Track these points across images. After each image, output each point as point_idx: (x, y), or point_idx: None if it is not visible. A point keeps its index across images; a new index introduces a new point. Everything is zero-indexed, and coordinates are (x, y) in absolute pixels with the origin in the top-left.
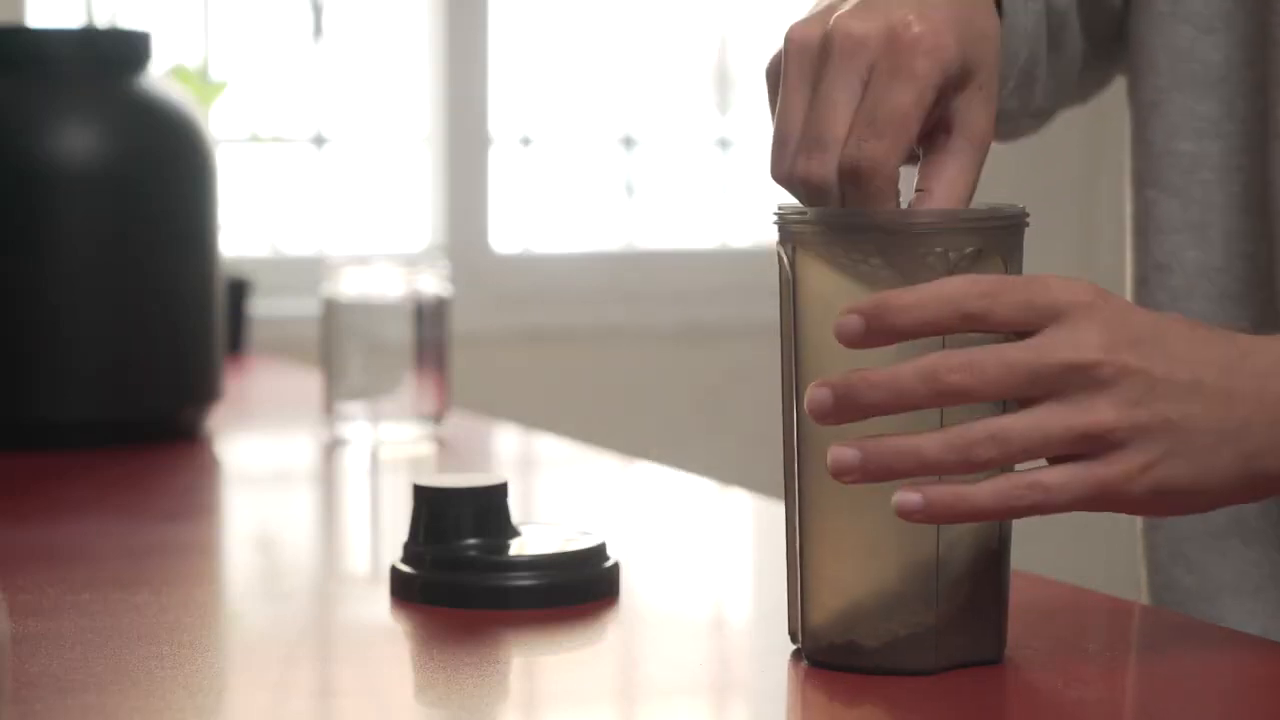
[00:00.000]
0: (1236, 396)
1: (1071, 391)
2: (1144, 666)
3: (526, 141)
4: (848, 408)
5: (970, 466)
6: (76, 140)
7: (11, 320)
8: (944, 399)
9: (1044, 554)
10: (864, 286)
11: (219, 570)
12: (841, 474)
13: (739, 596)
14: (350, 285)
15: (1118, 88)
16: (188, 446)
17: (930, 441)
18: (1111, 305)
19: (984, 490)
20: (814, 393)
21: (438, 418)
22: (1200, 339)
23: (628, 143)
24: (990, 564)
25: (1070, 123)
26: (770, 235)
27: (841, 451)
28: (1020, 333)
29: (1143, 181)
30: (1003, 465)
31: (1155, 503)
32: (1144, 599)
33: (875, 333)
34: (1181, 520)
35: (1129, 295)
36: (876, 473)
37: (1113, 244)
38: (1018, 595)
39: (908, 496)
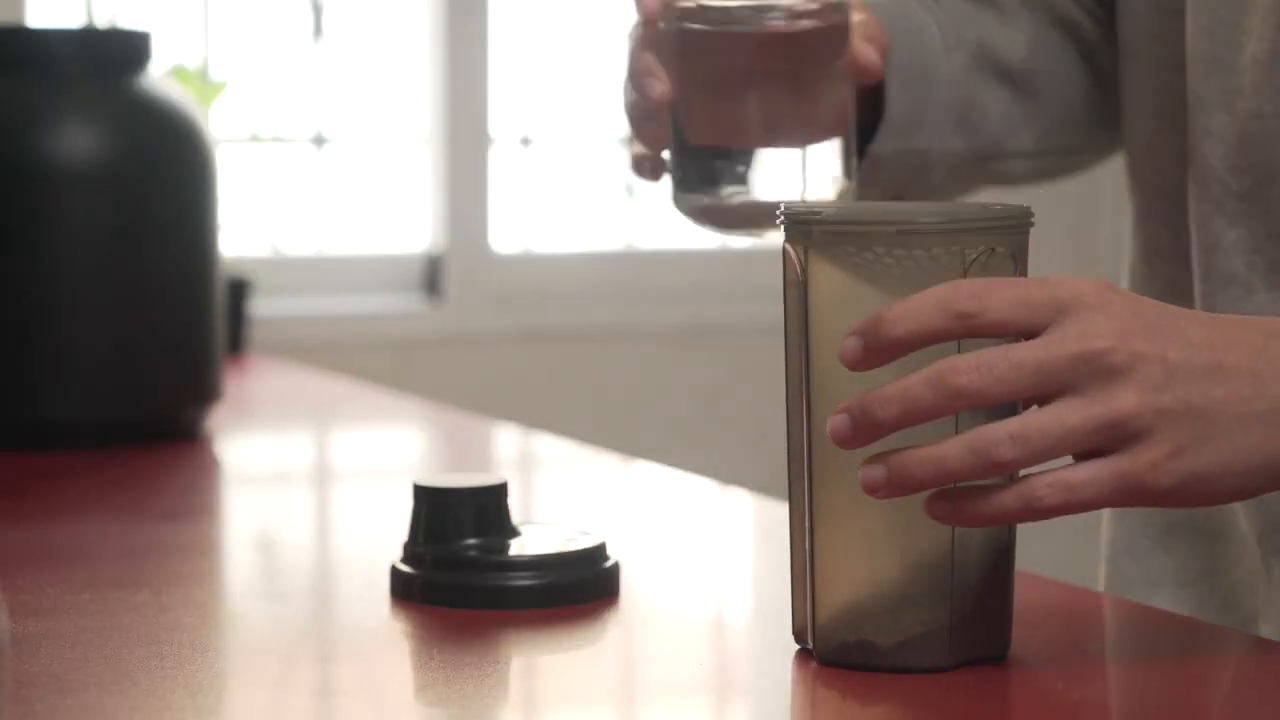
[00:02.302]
0: (1264, 378)
1: (1087, 384)
2: (1145, 667)
3: (526, 141)
4: (866, 428)
5: (993, 469)
6: (76, 140)
7: (11, 320)
8: (955, 403)
9: (1043, 554)
10: (879, 286)
11: (219, 570)
12: (873, 491)
13: (739, 596)
14: None
15: None
16: (188, 446)
17: (951, 449)
18: (1121, 297)
19: (1009, 494)
20: (834, 421)
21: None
22: (1219, 324)
23: (628, 143)
24: (1000, 559)
25: None
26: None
27: (869, 469)
28: (1030, 335)
29: (1145, 215)
30: (1026, 466)
31: (1185, 492)
32: (1101, 588)
33: (874, 349)
34: (1137, 516)
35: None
36: (903, 485)
37: (1112, 243)
38: (1018, 595)
39: (937, 504)
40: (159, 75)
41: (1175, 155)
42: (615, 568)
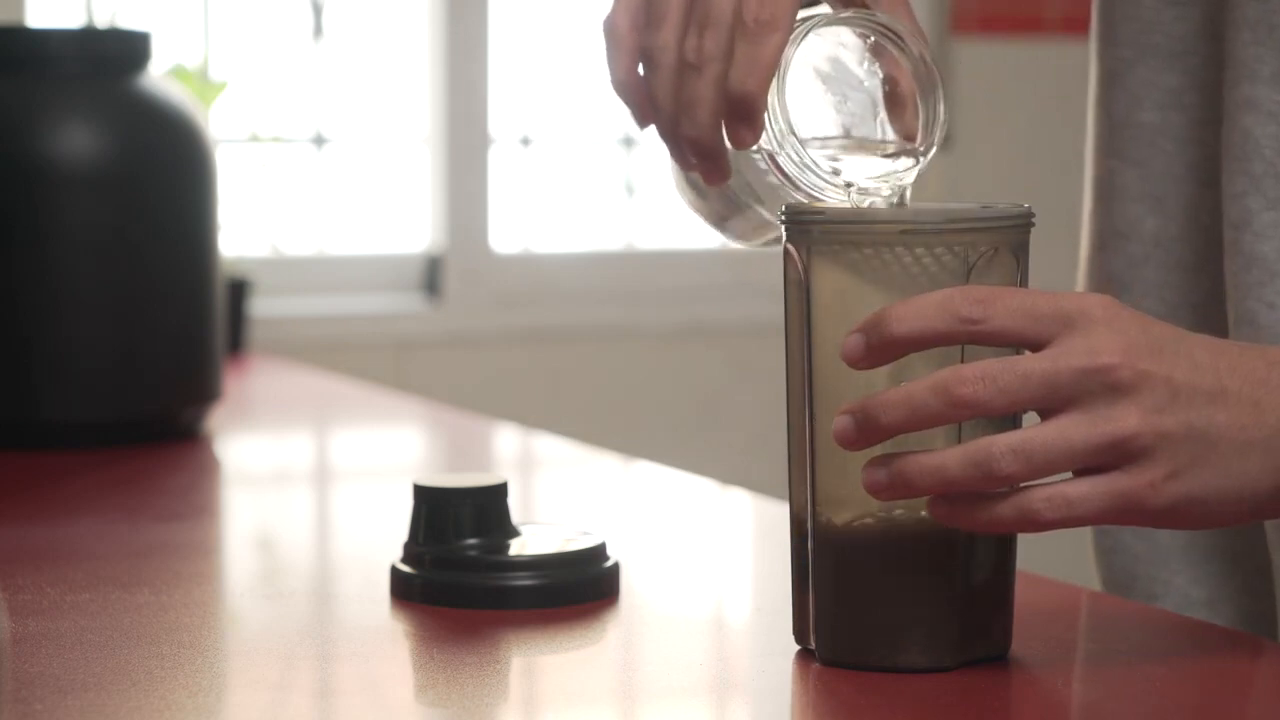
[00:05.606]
0: (1265, 406)
1: (1091, 400)
2: (1144, 666)
3: (526, 141)
4: (869, 430)
5: (993, 482)
6: (76, 140)
7: (11, 320)
8: (959, 412)
9: (1041, 553)
10: (881, 286)
11: (219, 570)
12: (875, 493)
13: (739, 596)
14: None
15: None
16: (188, 446)
17: (952, 459)
18: (1129, 315)
19: (1007, 505)
20: (838, 422)
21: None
22: (1224, 349)
23: (628, 143)
24: (1001, 559)
25: (1067, 121)
26: None
27: (872, 472)
28: (1032, 347)
29: (1104, 151)
30: (1026, 480)
31: (1179, 514)
32: (1091, 562)
33: (876, 347)
34: None
35: (1083, 263)
36: (903, 491)
37: None
38: (1018, 595)
39: (938, 505)
40: (159, 75)
41: (1163, 95)
42: (615, 568)
